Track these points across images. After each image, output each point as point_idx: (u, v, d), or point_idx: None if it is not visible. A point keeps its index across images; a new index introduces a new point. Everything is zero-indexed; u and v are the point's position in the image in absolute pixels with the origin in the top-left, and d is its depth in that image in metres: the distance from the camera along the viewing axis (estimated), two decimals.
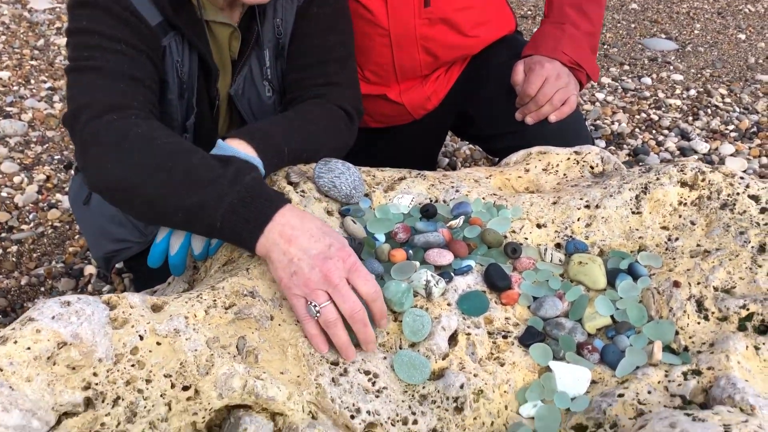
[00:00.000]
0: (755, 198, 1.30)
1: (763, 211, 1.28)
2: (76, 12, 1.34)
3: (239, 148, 1.25)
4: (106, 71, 1.29)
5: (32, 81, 3.38)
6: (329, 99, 1.51)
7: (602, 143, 3.12)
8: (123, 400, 0.95)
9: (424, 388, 1.07)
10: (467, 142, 2.98)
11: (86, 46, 1.32)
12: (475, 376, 1.09)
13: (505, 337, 1.16)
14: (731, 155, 2.99)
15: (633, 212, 1.34)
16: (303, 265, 1.06)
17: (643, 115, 3.40)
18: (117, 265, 2.18)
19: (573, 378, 1.10)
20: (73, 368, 0.95)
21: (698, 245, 1.27)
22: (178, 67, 1.43)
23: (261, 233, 1.09)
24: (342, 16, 1.60)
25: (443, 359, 1.11)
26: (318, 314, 1.06)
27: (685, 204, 1.34)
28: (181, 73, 1.44)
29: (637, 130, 3.26)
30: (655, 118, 3.36)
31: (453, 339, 1.14)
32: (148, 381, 0.97)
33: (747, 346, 1.07)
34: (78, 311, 0.97)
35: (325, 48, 1.56)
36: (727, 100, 3.57)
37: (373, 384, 1.05)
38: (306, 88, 1.54)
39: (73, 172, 2.07)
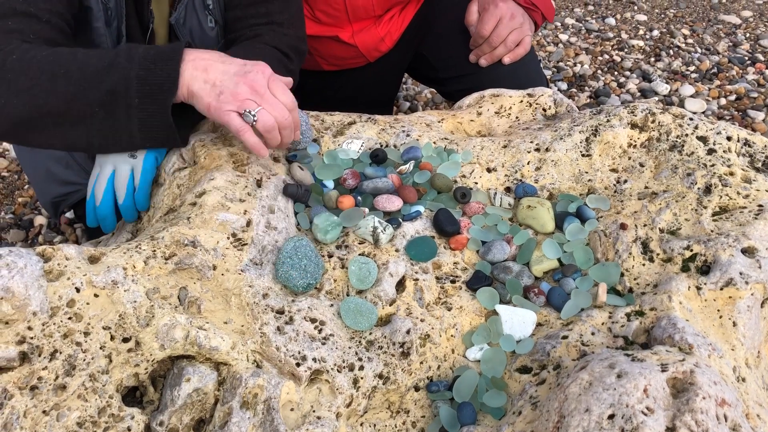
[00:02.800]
0: (703, 139, 1.30)
1: (710, 152, 1.28)
2: None
3: None
4: None
5: None
6: (264, 40, 1.46)
7: (564, 85, 3.10)
8: (60, 353, 0.93)
9: (370, 334, 1.07)
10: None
11: None
12: (421, 321, 1.09)
13: (453, 281, 1.16)
14: (691, 96, 3.00)
15: (583, 155, 1.33)
16: (227, 83, 1.12)
17: (606, 56, 3.37)
18: (68, 215, 2.13)
19: (519, 321, 1.11)
20: (6, 322, 0.92)
21: (646, 187, 1.27)
22: None
23: (178, 79, 1.12)
24: None
25: (390, 305, 1.10)
26: (255, 120, 1.12)
27: (635, 146, 1.34)
28: None
29: (599, 71, 3.24)
30: (618, 59, 3.34)
31: (400, 285, 1.14)
32: (86, 333, 0.95)
33: (689, 287, 1.09)
34: (9, 264, 0.94)
35: (272, 12, 1.50)
36: (690, 40, 3.55)
37: (320, 331, 1.05)
38: (246, 27, 1.49)
39: None
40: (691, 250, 1.14)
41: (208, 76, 1.13)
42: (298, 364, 1.00)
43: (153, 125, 1.17)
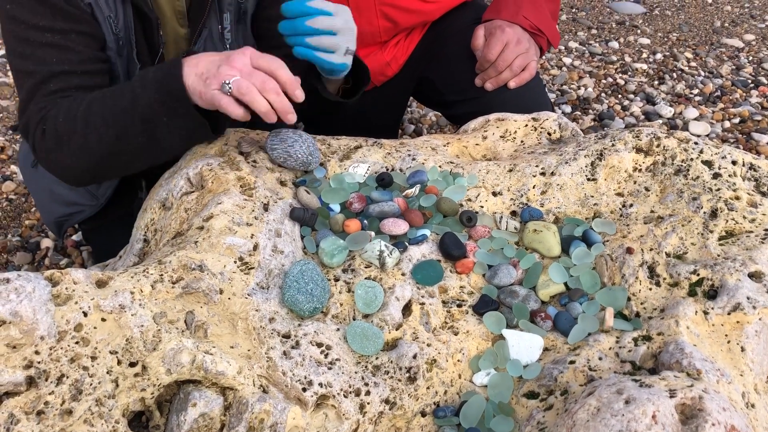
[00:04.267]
0: (708, 163, 1.31)
1: (715, 176, 1.29)
2: None
3: None
4: (38, 75, 1.32)
5: None
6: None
7: (568, 108, 3.11)
8: (67, 377, 0.94)
9: (377, 358, 1.06)
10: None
11: (18, 38, 1.33)
12: (428, 345, 1.09)
13: (459, 306, 1.16)
14: (695, 119, 3.01)
15: (588, 179, 1.33)
16: (211, 69, 1.18)
17: (610, 79, 3.39)
18: (74, 237, 2.14)
19: (526, 346, 1.10)
20: (14, 347, 0.93)
21: (652, 211, 1.28)
22: (111, 23, 1.39)
23: (184, 87, 1.19)
24: None
25: (397, 329, 1.10)
26: (230, 89, 1.16)
27: (640, 170, 1.34)
28: (116, 28, 1.40)
29: (603, 94, 3.26)
30: (621, 82, 3.36)
31: (407, 309, 1.14)
32: (93, 358, 0.96)
33: (696, 311, 1.08)
34: (17, 288, 0.95)
35: None
36: (693, 64, 3.57)
37: (326, 356, 1.04)
38: None
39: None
40: (698, 275, 1.13)
41: (198, 69, 1.19)
42: (304, 389, 0.99)
43: (191, 132, 1.27)
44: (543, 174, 1.34)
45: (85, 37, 1.35)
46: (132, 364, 0.97)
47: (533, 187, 1.33)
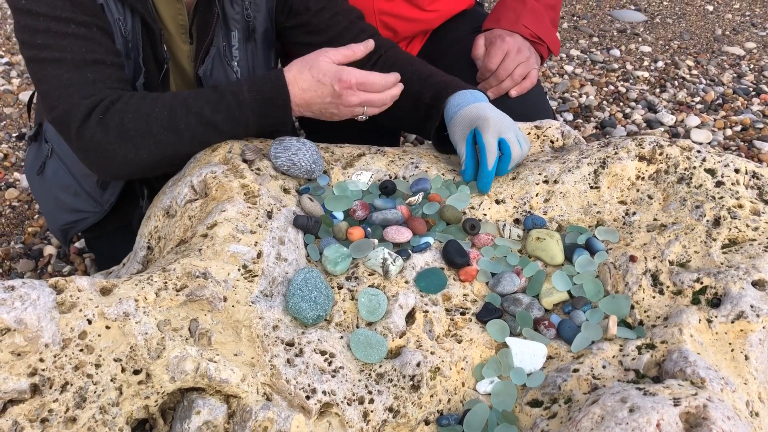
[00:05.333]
0: (711, 172, 1.31)
1: (718, 184, 1.29)
2: None
3: None
4: (69, 62, 1.30)
5: None
6: (394, 53, 1.58)
7: (570, 116, 3.12)
8: (71, 385, 0.94)
9: (380, 366, 1.06)
10: None
11: (35, 30, 1.30)
12: (432, 353, 1.09)
13: (462, 313, 1.16)
14: (696, 127, 3.01)
15: (591, 187, 1.34)
16: (333, 111, 1.38)
17: (611, 87, 3.40)
18: (77, 245, 2.14)
19: (529, 354, 1.10)
20: (18, 354, 0.93)
21: (655, 219, 1.28)
22: (120, 26, 1.40)
23: (289, 107, 1.35)
24: None
25: (400, 337, 1.10)
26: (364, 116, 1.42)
27: (643, 178, 1.34)
28: (125, 31, 1.40)
29: (604, 102, 3.27)
30: (623, 90, 3.37)
31: (410, 317, 1.14)
32: (97, 365, 0.96)
33: (700, 320, 1.08)
34: (22, 296, 0.95)
35: (344, 11, 1.60)
36: (694, 72, 3.58)
37: (329, 364, 1.04)
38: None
39: (27, 142, 2.01)
40: (701, 283, 1.13)
41: (313, 108, 1.37)
42: (308, 397, 0.99)
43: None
44: (546, 182, 1.35)
45: (104, 32, 1.35)
46: (136, 372, 0.97)
47: (536, 195, 1.34)
